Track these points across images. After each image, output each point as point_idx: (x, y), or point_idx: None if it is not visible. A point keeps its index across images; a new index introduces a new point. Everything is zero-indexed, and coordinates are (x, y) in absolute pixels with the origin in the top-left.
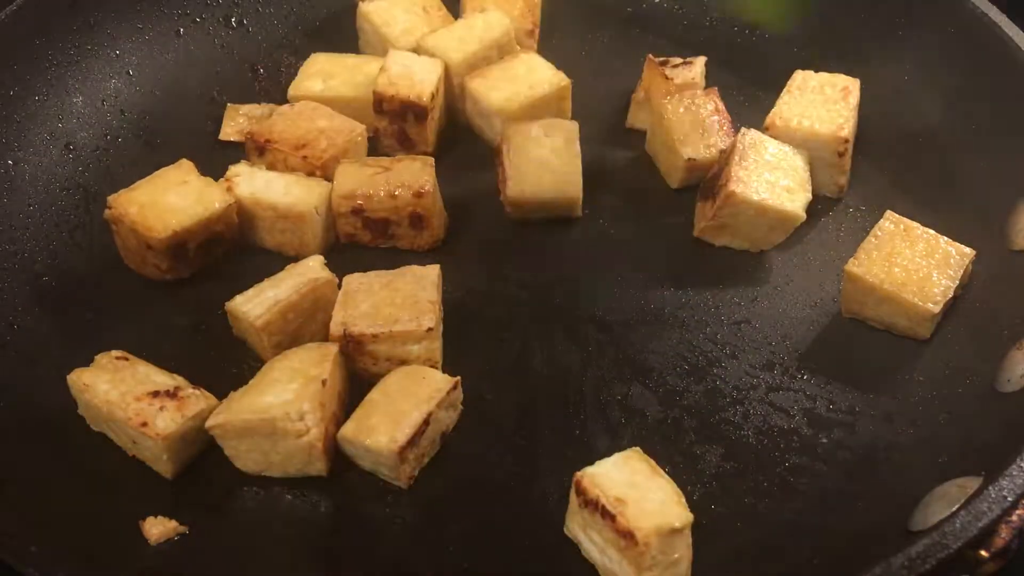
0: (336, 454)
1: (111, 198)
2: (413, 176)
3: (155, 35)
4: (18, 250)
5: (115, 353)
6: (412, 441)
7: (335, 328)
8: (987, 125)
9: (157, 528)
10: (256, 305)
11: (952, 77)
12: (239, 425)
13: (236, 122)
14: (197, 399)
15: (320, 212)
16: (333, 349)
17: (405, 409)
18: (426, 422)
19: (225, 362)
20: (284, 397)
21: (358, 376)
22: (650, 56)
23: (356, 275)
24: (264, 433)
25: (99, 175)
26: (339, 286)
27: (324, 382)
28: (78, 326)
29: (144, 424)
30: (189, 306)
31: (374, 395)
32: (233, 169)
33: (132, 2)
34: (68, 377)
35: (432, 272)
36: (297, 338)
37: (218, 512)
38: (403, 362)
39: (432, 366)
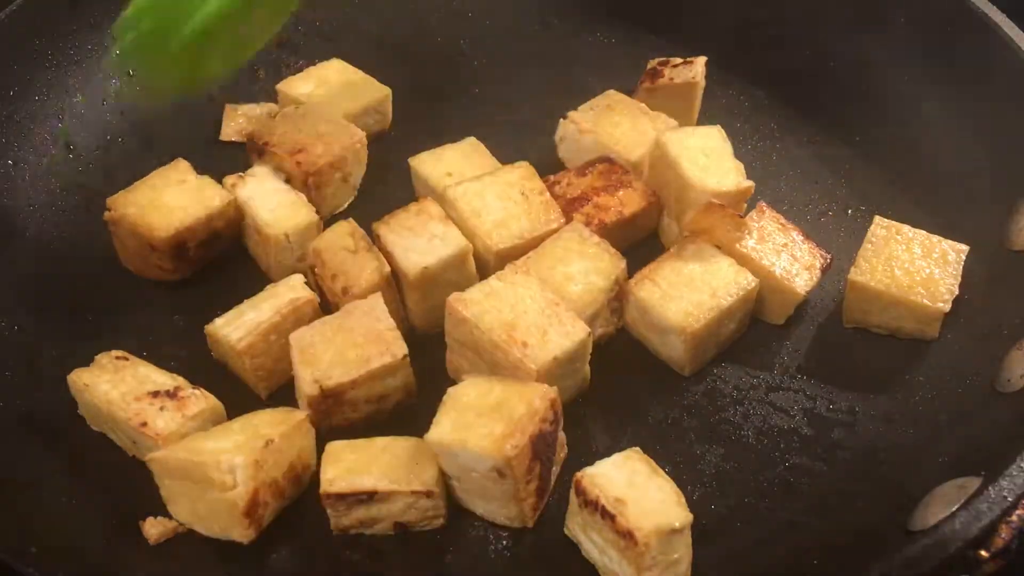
0: (267, 528)
1: (110, 200)
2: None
3: None
4: (18, 250)
5: (115, 353)
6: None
7: (309, 388)
8: (986, 125)
9: (157, 528)
10: (236, 328)
11: (952, 77)
12: (172, 463)
13: (236, 122)
14: (197, 399)
15: (291, 240)
16: (300, 416)
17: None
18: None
19: (225, 362)
20: (222, 445)
21: (335, 430)
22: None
23: (302, 330)
24: (194, 478)
25: (99, 175)
26: None
27: (269, 442)
28: (78, 326)
29: (144, 424)
30: (189, 306)
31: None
32: (252, 169)
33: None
34: (68, 377)
35: (378, 301)
36: (280, 359)
37: None
38: (381, 398)
39: (409, 393)
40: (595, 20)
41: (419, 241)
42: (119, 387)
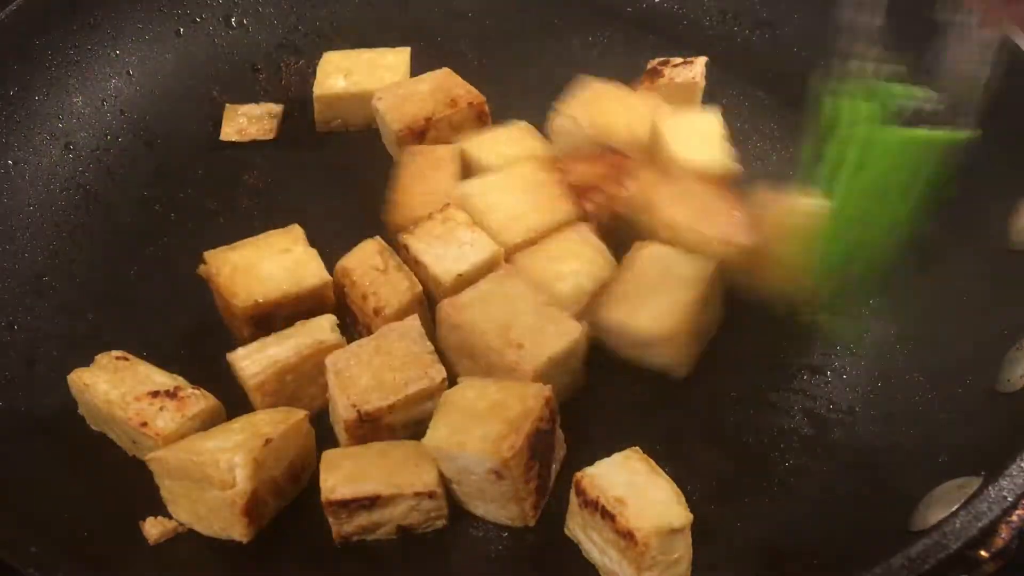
0: (266, 526)
1: (207, 254)
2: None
3: (155, 35)
4: (18, 250)
5: (115, 353)
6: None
7: (347, 413)
8: (987, 125)
9: (157, 528)
10: (253, 362)
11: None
12: (173, 463)
13: (236, 122)
14: (197, 399)
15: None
16: (299, 415)
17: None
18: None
19: (225, 362)
20: (221, 444)
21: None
22: None
23: (337, 352)
24: (194, 478)
25: (99, 175)
26: None
27: (268, 441)
28: (78, 326)
29: (144, 424)
30: (189, 306)
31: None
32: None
33: (132, 2)
34: (68, 377)
35: (414, 323)
36: (294, 399)
37: None
38: (419, 423)
39: None
40: (595, 20)
41: (450, 249)
42: (119, 387)
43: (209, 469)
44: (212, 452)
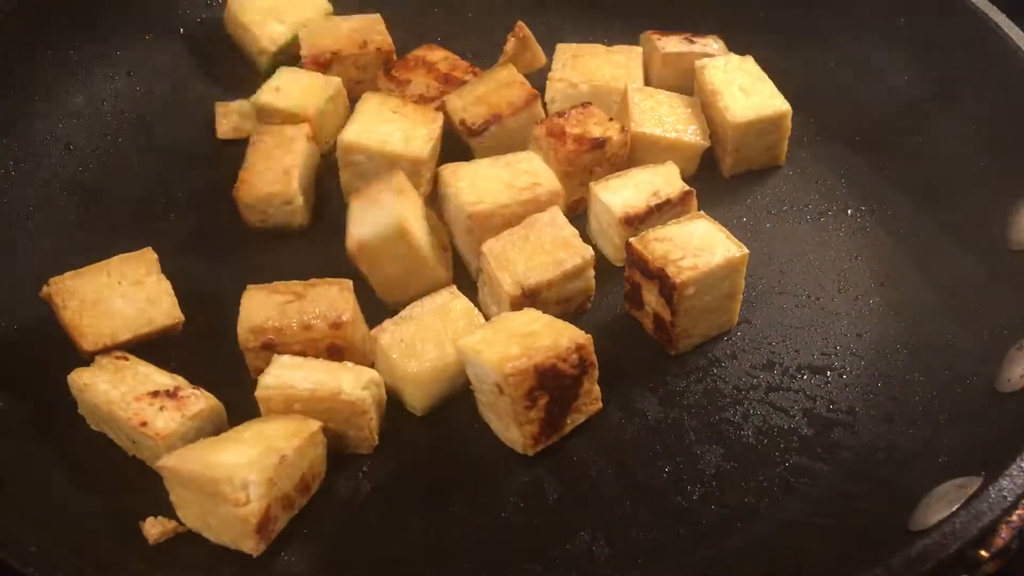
0: (275, 540)
1: (52, 280)
2: (330, 304)
3: (155, 35)
4: (18, 250)
5: (115, 353)
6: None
7: (512, 289)
8: (987, 125)
9: (157, 528)
10: (273, 377)
11: (952, 77)
12: (185, 474)
13: (228, 119)
14: (197, 399)
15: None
16: (313, 427)
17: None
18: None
19: (225, 362)
20: (236, 460)
21: None
22: None
23: (490, 241)
24: (206, 491)
25: (99, 175)
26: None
27: (283, 458)
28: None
29: (143, 424)
30: (189, 306)
31: None
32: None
33: (132, 2)
34: (68, 377)
35: (557, 213)
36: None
37: None
38: (568, 300)
39: (588, 297)
40: (595, 21)
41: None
42: (119, 387)
43: (222, 486)
44: (226, 468)
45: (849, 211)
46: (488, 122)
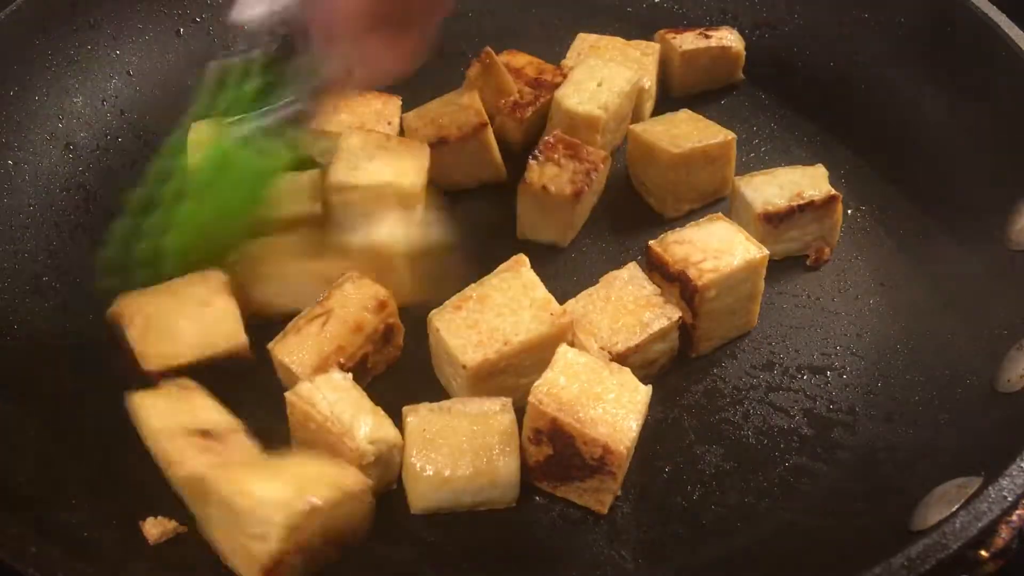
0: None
1: (121, 300)
2: (362, 295)
3: (155, 35)
4: (18, 250)
5: (181, 381)
6: None
7: (600, 356)
8: (986, 125)
9: (157, 528)
10: (307, 389)
11: (952, 77)
12: (215, 490)
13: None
14: (242, 446)
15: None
16: (359, 484)
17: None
18: None
19: (227, 361)
20: (267, 495)
21: None
22: None
23: (570, 302)
24: (229, 517)
25: (99, 175)
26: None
27: (314, 508)
28: (77, 326)
29: (170, 465)
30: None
31: None
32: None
33: (132, 2)
34: (128, 397)
35: (636, 270)
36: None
37: None
38: (651, 363)
39: (672, 357)
40: (595, 21)
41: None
42: (166, 419)
43: (244, 517)
44: (254, 500)
45: (849, 211)
46: (432, 144)
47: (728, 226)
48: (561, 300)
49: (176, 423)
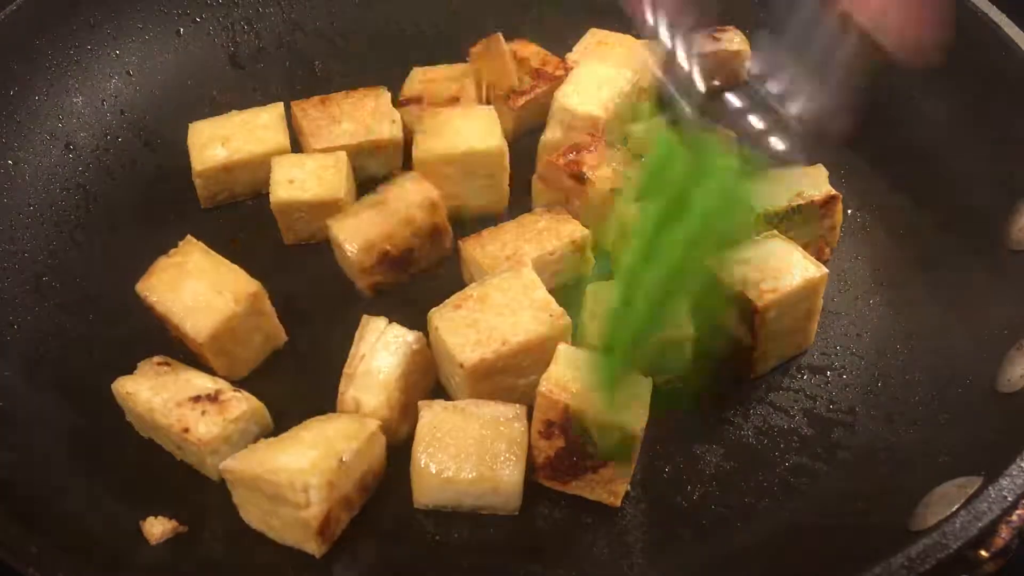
0: (337, 541)
1: (143, 284)
2: (417, 192)
3: (155, 35)
4: (18, 250)
5: (156, 359)
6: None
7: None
8: (986, 125)
9: (157, 528)
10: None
11: (952, 77)
12: (248, 477)
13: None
14: (239, 401)
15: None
16: (372, 427)
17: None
18: None
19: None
20: (297, 464)
21: None
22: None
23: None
24: (268, 493)
25: (99, 175)
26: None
27: (343, 461)
28: (78, 326)
29: (186, 430)
30: None
31: None
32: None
33: (132, 2)
34: (112, 385)
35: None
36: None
37: (218, 512)
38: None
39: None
40: (594, 22)
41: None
42: (161, 393)
43: (284, 489)
44: (287, 472)
45: (849, 211)
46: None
47: (784, 244)
48: None
49: (170, 396)
